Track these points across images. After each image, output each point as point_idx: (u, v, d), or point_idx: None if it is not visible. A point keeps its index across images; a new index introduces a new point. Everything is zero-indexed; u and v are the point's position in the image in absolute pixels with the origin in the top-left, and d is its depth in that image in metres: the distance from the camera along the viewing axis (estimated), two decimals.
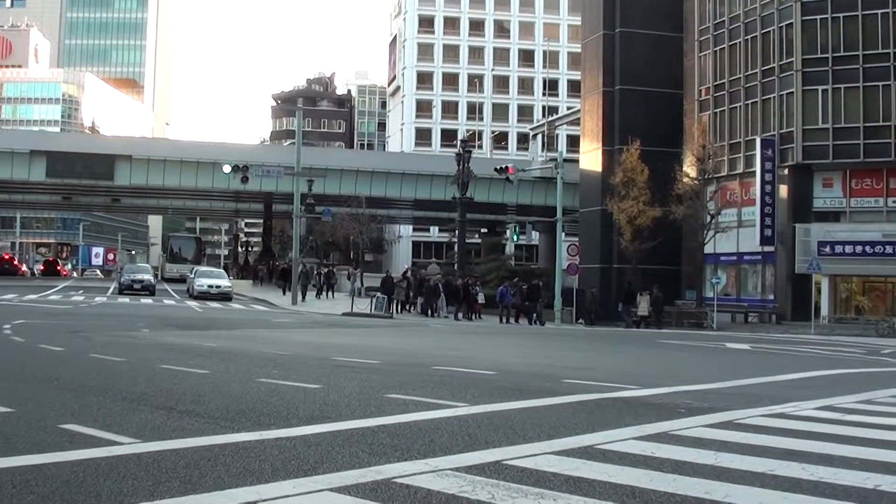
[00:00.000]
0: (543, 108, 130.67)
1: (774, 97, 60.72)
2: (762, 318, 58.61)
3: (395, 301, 56.20)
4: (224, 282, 65.43)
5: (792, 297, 58.26)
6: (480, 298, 56.67)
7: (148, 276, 67.61)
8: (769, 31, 61.60)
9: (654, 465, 9.35)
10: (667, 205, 57.73)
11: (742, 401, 15.28)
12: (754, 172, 60.32)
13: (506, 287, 55.58)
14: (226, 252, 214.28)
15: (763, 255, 61.41)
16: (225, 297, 62.03)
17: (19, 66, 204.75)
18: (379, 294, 55.62)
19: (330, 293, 68.39)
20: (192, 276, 67.28)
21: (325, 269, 73.92)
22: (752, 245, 60.99)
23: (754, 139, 60.76)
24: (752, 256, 62.57)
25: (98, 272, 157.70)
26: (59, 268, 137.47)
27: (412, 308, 57.52)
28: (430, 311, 54.95)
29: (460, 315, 54.05)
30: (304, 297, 62.25)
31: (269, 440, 10.16)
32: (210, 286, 62.78)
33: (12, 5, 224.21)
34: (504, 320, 53.24)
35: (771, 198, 59.44)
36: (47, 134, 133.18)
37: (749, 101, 62.92)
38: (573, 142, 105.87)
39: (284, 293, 65.73)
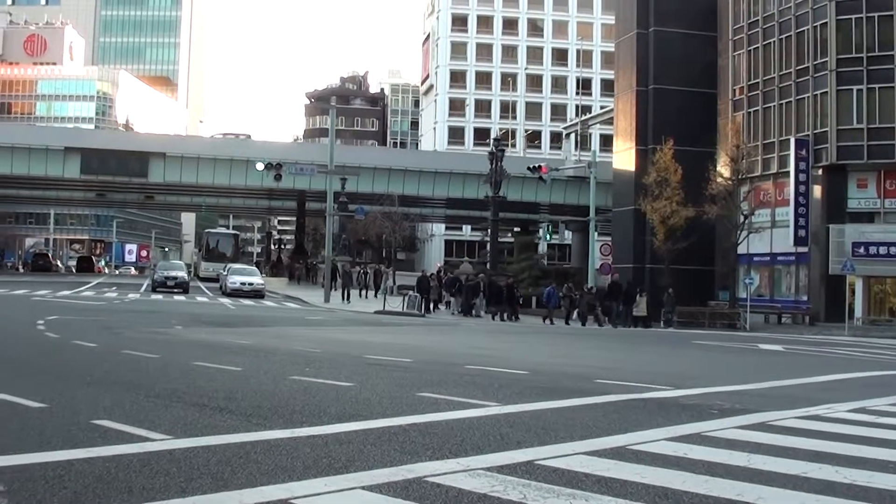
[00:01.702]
0: (577, 107, 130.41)
1: (808, 97, 60.39)
2: (795, 319, 58.32)
3: (430, 300, 55.80)
4: (257, 279, 65.48)
5: (825, 299, 57.92)
6: None
7: (182, 274, 67.15)
8: (803, 31, 61.27)
9: (686, 466, 9.33)
10: (700, 205, 57.39)
11: (775, 402, 15.23)
12: (788, 173, 60.02)
13: (552, 288, 55.18)
14: (258, 249, 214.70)
15: (797, 256, 61.09)
16: (258, 294, 62.05)
17: (54, 64, 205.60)
18: (411, 292, 55.54)
19: (376, 293, 65.81)
20: (226, 273, 67.33)
21: (374, 268, 73.04)
22: (786, 246, 60.70)
23: (788, 139, 60.44)
24: (786, 257, 62.28)
25: (132, 269, 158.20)
26: (93, 264, 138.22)
27: (446, 306, 57.18)
28: (469, 311, 54.38)
29: (504, 316, 53.01)
30: (348, 298, 61.55)
31: (300, 438, 10.19)
32: (243, 283, 62.82)
33: (47, 3, 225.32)
34: (548, 321, 52.66)
35: (805, 198, 59.13)
36: (82, 131, 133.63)
37: (783, 101, 62.61)
38: (606, 141, 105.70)
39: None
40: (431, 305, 55.60)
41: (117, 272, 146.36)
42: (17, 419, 11.03)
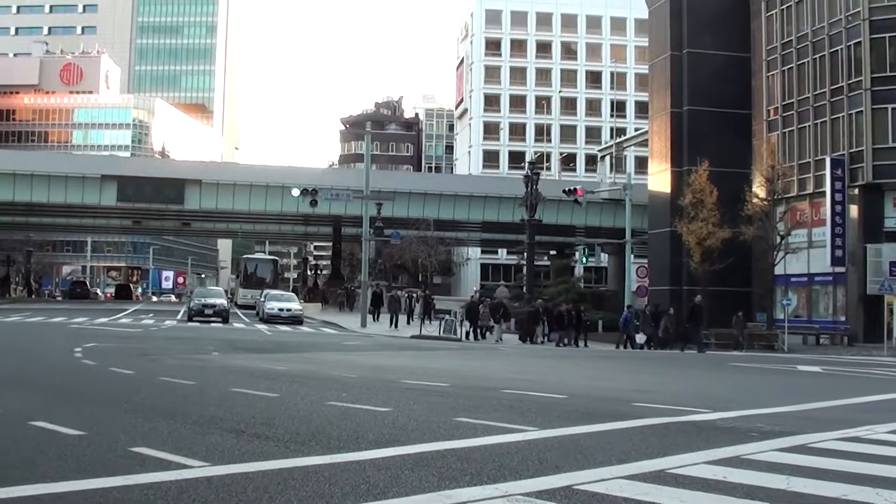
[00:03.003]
0: (611, 129, 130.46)
1: (843, 116, 60.06)
2: (833, 339, 57.86)
3: (483, 327, 54.73)
4: (294, 305, 65.13)
5: (864, 319, 57.44)
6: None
7: (221, 301, 63.34)
8: (837, 50, 60.99)
9: (725, 489, 9.27)
10: (736, 226, 57.09)
11: (814, 424, 15.11)
12: (824, 192, 59.66)
13: (630, 312, 54.50)
14: (294, 275, 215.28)
15: (834, 277, 60.68)
16: (295, 320, 61.65)
17: (90, 92, 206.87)
18: (447, 316, 55.36)
19: (426, 319, 60.75)
20: (263, 299, 67.10)
21: (423, 294, 71.71)
22: (823, 266, 60.29)
23: (824, 159, 60.09)
24: (823, 277, 61.87)
25: (172, 297, 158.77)
26: (131, 292, 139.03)
27: (490, 332, 56.31)
28: (528, 338, 53.51)
29: (569, 341, 51.95)
30: (395, 324, 60.42)
31: (338, 464, 10.17)
32: (280, 309, 62.56)
33: (83, 32, 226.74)
34: (624, 346, 51.88)
35: (841, 218, 58.77)
36: (118, 159, 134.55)
37: (818, 121, 62.30)
38: (641, 163, 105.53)
39: (375, 318, 64.71)
40: (478, 332, 54.48)
41: (161, 298, 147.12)
42: (54, 447, 11.05)
